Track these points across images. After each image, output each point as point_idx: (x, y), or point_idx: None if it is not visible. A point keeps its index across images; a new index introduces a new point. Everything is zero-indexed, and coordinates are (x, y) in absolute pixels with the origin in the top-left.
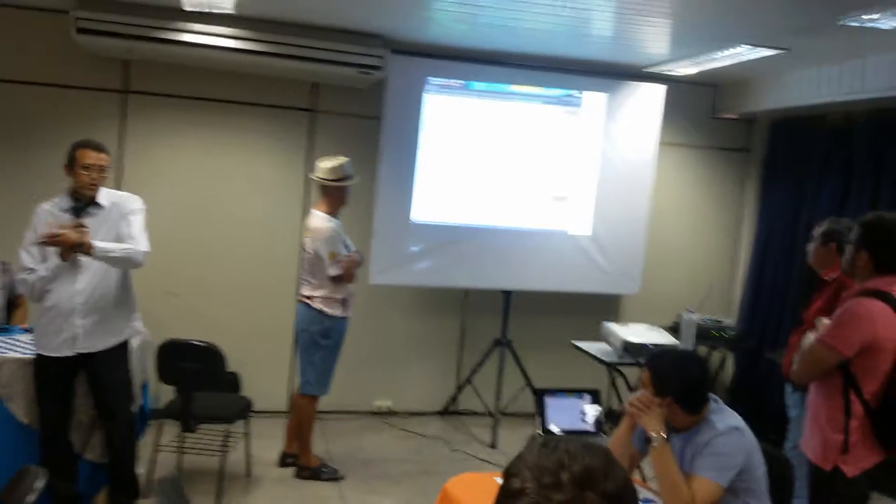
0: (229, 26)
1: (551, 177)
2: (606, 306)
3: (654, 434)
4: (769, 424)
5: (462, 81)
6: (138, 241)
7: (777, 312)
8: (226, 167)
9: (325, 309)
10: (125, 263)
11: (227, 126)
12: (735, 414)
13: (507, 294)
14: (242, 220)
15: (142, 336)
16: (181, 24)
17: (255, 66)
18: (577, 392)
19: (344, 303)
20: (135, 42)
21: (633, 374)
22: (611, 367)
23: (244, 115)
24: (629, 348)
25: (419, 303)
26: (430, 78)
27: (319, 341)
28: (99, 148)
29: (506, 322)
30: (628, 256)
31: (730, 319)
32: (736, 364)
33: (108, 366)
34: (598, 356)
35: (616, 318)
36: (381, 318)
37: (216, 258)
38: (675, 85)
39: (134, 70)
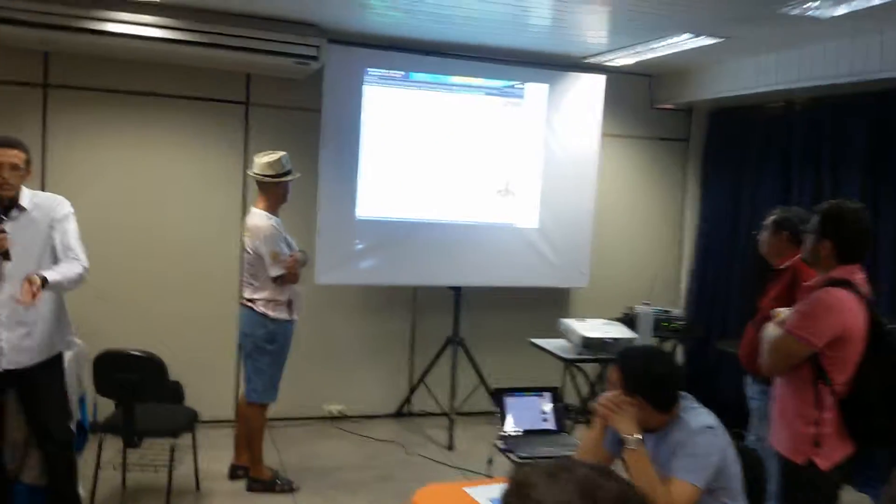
0: (155, 14)
1: (496, 169)
2: (556, 300)
3: (628, 436)
4: (726, 416)
5: (402, 72)
6: (79, 255)
7: (723, 301)
8: (157, 164)
9: (269, 312)
10: (76, 286)
11: (157, 120)
12: (707, 411)
13: (456, 290)
14: (178, 220)
15: (76, 346)
16: (102, 13)
17: (185, 57)
18: (537, 391)
19: (289, 305)
20: (53, 32)
21: (592, 370)
22: (570, 363)
23: (175, 109)
24: (588, 344)
25: (367, 302)
26: (368, 69)
27: (264, 346)
28: (8, 144)
29: (457, 319)
30: (576, 249)
31: (677, 310)
32: (685, 355)
33: (41, 383)
34: (557, 353)
35: (566, 312)
36: (329, 319)
37: (151, 260)
38: (614, 76)
39: (54, 62)
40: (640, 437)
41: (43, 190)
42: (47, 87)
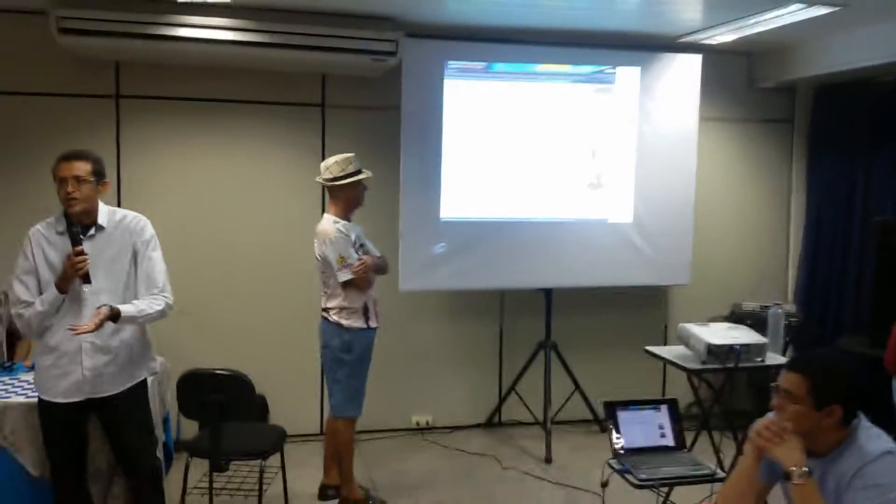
0: (226, 17)
1: (586, 161)
2: (653, 299)
3: (794, 468)
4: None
5: (484, 63)
6: (164, 289)
7: (837, 295)
8: (233, 172)
9: (343, 321)
10: (155, 321)
11: (231, 127)
12: (882, 432)
13: (547, 292)
14: (256, 229)
15: (158, 369)
16: (173, 18)
17: (257, 60)
18: (653, 403)
19: (366, 312)
20: (124, 40)
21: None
22: (694, 374)
23: (249, 115)
24: (714, 352)
25: (453, 307)
26: (449, 61)
27: (342, 357)
28: (72, 156)
29: (548, 322)
30: (675, 243)
31: (788, 305)
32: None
33: (125, 411)
34: (678, 362)
35: (665, 312)
36: (413, 327)
37: (231, 271)
38: (708, 56)
39: (125, 72)
40: (808, 468)
41: (119, 205)
42: (119, 97)
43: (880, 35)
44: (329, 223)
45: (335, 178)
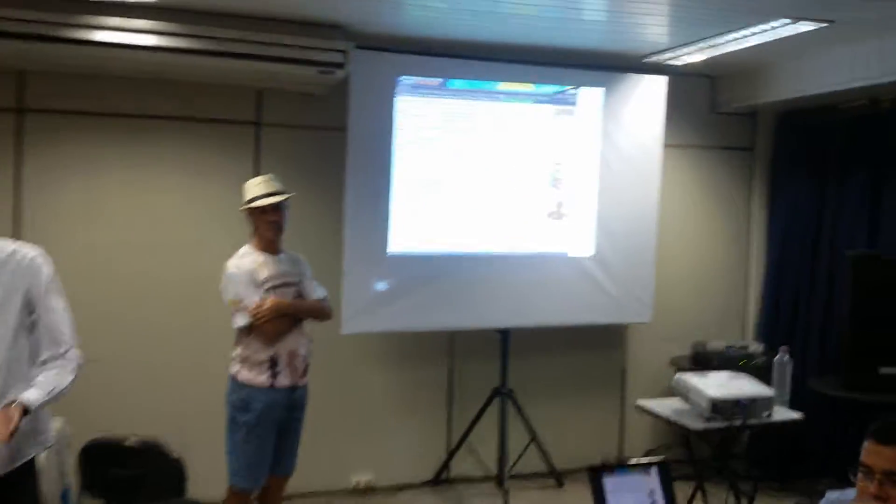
0: (150, 19)
1: (546, 189)
2: (610, 339)
3: None
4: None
5: (439, 79)
6: (71, 345)
7: (802, 333)
8: (154, 199)
9: (242, 374)
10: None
11: (153, 148)
12: None
13: (503, 333)
14: (179, 265)
15: (53, 440)
16: (88, 19)
17: (185, 70)
18: (642, 466)
19: (273, 366)
20: (29, 44)
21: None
22: (699, 434)
23: (174, 134)
24: (719, 407)
25: (397, 351)
26: (402, 77)
27: (237, 417)
28: None
29: (504, 366)
30: (637, 278)
31: (755, 344)
32: None
33: (7, 497)
34: (678, 421)
35: (623, 352)
36: (351, 373)
37: (147, 313)
38: (671, 79)
39: (32, 83)
40: None
41: (18, 235)
42: (23, 111)
43: (855, 57)
44: (233, 258)
45: (244, 205)
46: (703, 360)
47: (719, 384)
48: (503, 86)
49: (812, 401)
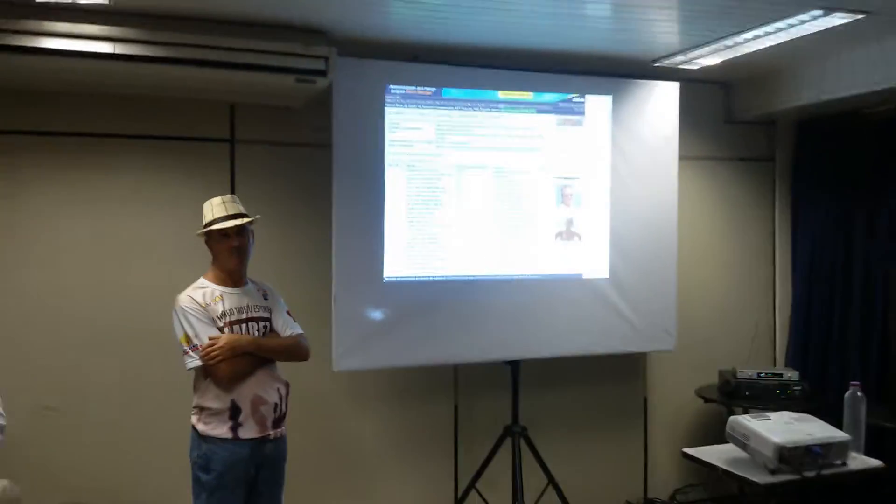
0: (105, 24)
1: (554, 206)
2: (631, 367)
3: None
4: None
5: (433, 88)
6: None
7: (838, 358)
8: (115, 228)
9: (200, 425)
10: None
11: (113, 171)
12: None
13: (514, 366)
14: (144, 300)
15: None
16: (34, 24)
17: (150, 82)
18: None
19: (234, 416)
20: None
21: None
22: (769, 490)
23: (137, 154)
24: (787, 456)
25: (395, 388)
26: (391, 86)
27: (199, 476)
28: None
29: (516, 402)
30: (658, 302)
31: (791, 372)
32: None
33: None
34: (743, 475)
35: (644, 381)
36: (347, 414)
37: (105, 357)
38: (683, 85)
39: None
40: None
41: None
42: None
43: (885, 55)
44: (187, 289)
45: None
46: (732, 390)
47: (785, 428)
48: (504, 94)
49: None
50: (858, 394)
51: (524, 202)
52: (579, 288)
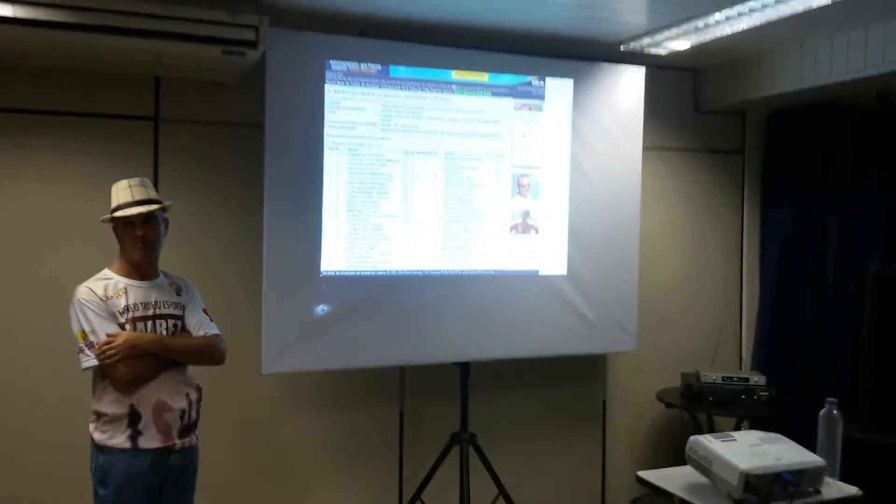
0: None
1: (509, 197)
2: (589, 369)
3: None
4: None
5: (378, 65)
6: None
7: (807, 361)
8: (27, 213)
9: (97, 434)
10: None
11: (24, 150)
12: None
13: (463, 368)
14: (55, 290)
15: None
16: None
17: (59, 51)
18: None
19: (133, 423)
20: None
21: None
22: None
23: (50, 132)
24: (754, 484)
25: (334, 391)
26: (331, 61)
27: (98, 490)
28: None
29: (465, 407)
30: (618, 300)
31: (757, 376)
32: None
33: None
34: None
35: (603, 383)
36: (281, 421)
37: (14, 352)
38: (650, 71)
39: None
40: None
41: None
42: None
43: (866, 42)
44: (87, 280)
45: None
46: (695, 394)
47: (751, 451)
48: (457, 74)
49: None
50: (835, 412)
51: (477, 192)
52: (535, 285)
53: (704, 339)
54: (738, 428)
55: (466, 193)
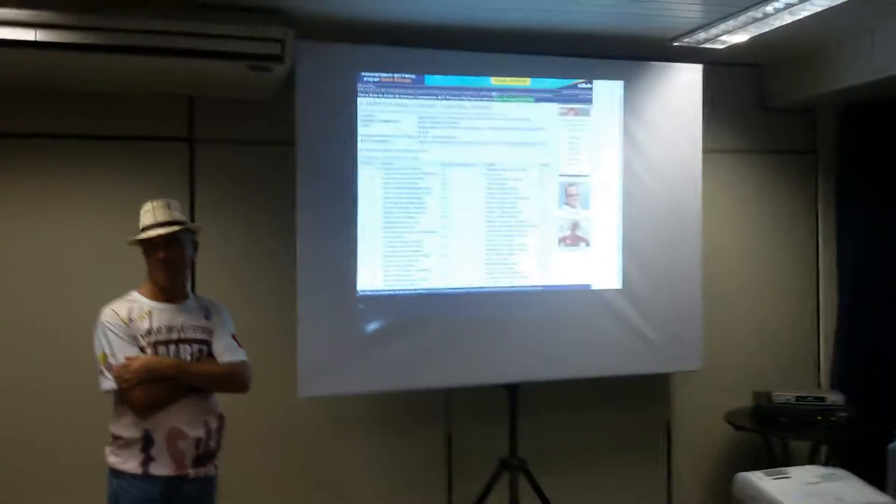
0: (30, 7)
1: (556, 208)
2: (652, 388)
3: None
4: None
5: (413, 76)
6: None
7: (889, 378)
8: (55, 240)
9: (111, 457)
10: None
11: (53, 175)
12: None
13: (511, 390)
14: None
15: None
16: None
17: (90, 75)
18: None
19: (146, 448)
20: None
21: None
22: None
23: (81, 157)
24: None
25: (377, 416)
26: (364, 73)
27: None
28: None
29: (513, 432)
30: (680, 315)
31: (835, 395)
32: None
33: None
34: None
35: (667, 404)
36: (319, 448)
37: (38, 383)
38: (708, 69)
39: None
40: None
41: None
42: None
43: None
44: (112, 302)
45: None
46: (767, 416)
47: (808, 490)
48: (497, 81)
49: None
50: None
51: (521, 203)
52: (587, 300)
53: (779, 356)
54: (813, 452)
55: (510, 205)
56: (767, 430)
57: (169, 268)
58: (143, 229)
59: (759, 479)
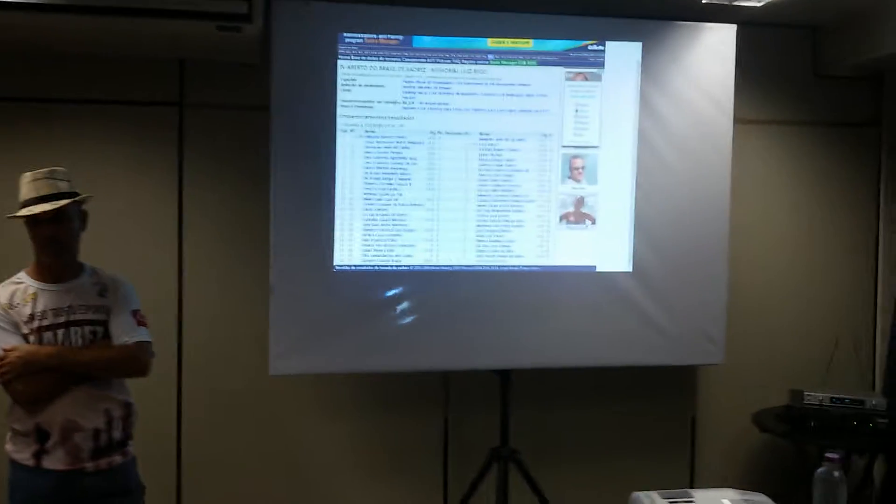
0: None
1: (559, 182)
2: (669, 380)
3: None
4: None
5: (400, 36)
6: None
7: None
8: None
9: (7, 446)
10: None
11: (43, 140)
12: None
13: (503, 376)
14: None
15: None
16: None
17: (70, 35)
18: None
19: (40, 440)
20: None
21: None
22: None
23: (71, 121)
24: None
25: (373, 398)
26: (344, 34)
27: None
28: None
29: (505, 420)
30: (700, 302)
31: (877, 398)
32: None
33: None
34: None
35: (691, 400)
36: (317, 428)
37: None
38: (749, 30)
39: None
40: None
41: None
42: None
43: None
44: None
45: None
46: (795, 418)
47: None
48: (494, 42)
49: None
50: (836, 473)
51: (518, 176)
52: (591, 282)
53: (825, 351)
54: (847, 460)
55: (505, 179)
56: (793, 435)
57: (56, 246)
58: (25, 203)
59: (652, 502)
